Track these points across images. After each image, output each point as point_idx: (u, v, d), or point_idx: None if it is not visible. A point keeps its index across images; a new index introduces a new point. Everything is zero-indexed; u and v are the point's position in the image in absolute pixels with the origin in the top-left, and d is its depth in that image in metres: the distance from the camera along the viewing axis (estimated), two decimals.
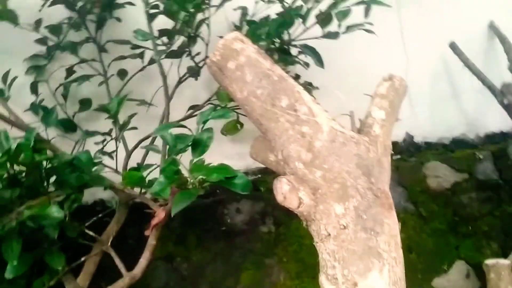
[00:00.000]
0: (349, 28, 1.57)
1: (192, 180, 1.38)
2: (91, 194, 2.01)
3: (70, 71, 1.87)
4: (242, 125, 2.00)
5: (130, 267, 1.54)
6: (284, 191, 1.03)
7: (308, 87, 1.90)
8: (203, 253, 1.98)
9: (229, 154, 2.10)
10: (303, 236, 2.09)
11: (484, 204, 2.26)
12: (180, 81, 1.87)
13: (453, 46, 2.38)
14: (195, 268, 1.96)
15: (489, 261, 1.98)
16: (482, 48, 2.47)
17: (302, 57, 1.80)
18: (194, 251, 1.98)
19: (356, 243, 0.97)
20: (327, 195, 1.01)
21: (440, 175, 2.28)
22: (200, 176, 1.36)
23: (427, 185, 2.26)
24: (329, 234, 0.99)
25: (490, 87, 2.24)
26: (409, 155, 2.37)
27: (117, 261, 1.55)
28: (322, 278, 1.01)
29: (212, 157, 1.42)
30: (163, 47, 1.73)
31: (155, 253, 1.85)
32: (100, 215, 1.77)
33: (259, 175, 2.22)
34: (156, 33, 1.67)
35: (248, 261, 2.02)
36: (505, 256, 2.09)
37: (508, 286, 1.90)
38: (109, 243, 1.62)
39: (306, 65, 1.83)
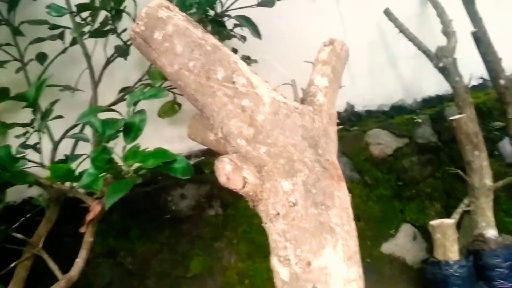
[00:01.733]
0: None
1: (127, 169, 1.27)
2: (19, 193, 1.82)
3: None
4: (180, 105, 1.89)
5: (69, 268, 1.41)
6: (227, 172, 0.94)
7: (247, 61, 1.82)
8: (148, 245, 1.87)
9: (169, 137, 2.00)
10: (252, 215, 2.03)
11: (426, 167, 2.32)
12: (108, 62, 1.71)
13: (388, 13, 2.38)
14: (140, 261, 1.85)
15: (434, 222, 2.03)
16: (416, 13, 2.50)
17: (238, 30, 1.71)
18: (138, 243, 1.86)
19: (307, 220, 0.91)
20: (273, 172, 0.94)
21: (382, 142, 2.31)
22: (136, 163, 1.25)
23: (370, 153, 2.28)
24: (278, 213, 0.93)
25: (425, 52, 2.27)
26: (351, 125, 2.37)
27: (51, 264, 1.41)
28: (274, 261, 0.95)
29: (150, 142, 1.32)
30: (85, 26, 1.57)
31: (95, 249, 1.73)
32: (29, 215, 1.60)
33: (203, 157, 2.13)
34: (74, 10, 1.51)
35: (197, 247, 1.93)
36: (448, 215, 2.16)
37: (453, 244, 1.96)
38: (41, 245, 1.47)
39: (243, 38, 1.74)
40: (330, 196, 0.95)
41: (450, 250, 1.96)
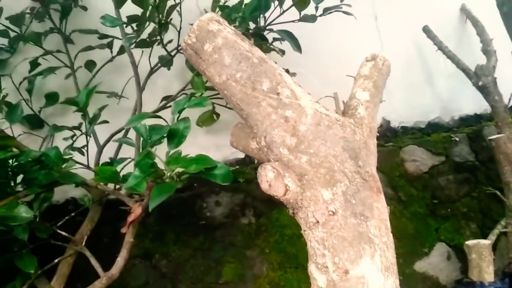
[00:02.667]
0: (326, 10, 1.53)
1: (169, 173, 1.32)
2: (63, 193, 1.90)
3: (34, 63, 1.76)
4: (218, 115, 1.94)
5: (107, 267, 1.47)
6: (269, 179, 0.98)
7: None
8: (182, 249, 1.92)
9: (205, 145, 2.05)
10: (284, 226, 2.05)
11: (462, 185, 2.28)
12: (152, 71, 1.79)
13: (427, 30, 2.38)
14: (174, 264, 1.90)
15: (470, 242, 2.00)
16: (455, 31, 2.50)
17: (277, 44, 1.76)
18: (173, 247, 1.91)
19: (346, 229, 0.93)
20: (314, 181, 0.96)
21: (417, 158, 2.29)
22: (178, 168, 1.30)
23: (405, 169, 2.26)
24: (318, 221, 0.95)
25: (464, 70, 2.25)
26: (386, 140, 2.37)
27: (93, 261, 1.47)
28: (312, 268, 0.97)
29: (188, 149, 1.36)
30: (133, 36, 1.65)
31: (132, 251, 1.78)
32: (72, 214, 1.68)
33: (237, 166, 2.17)
34: (125, 20, 1.59)
35: (229, 254, 1.96)
36: (484, 236, 2.12)
37: (489, 265, 1.92)
38: (83, 243, 1.54)
39: (282, 52, 1.79)
40: (369, 207, 0.96)
41: (485, 271, 1.92)
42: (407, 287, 2.03)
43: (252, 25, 1.65)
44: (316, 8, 1.53)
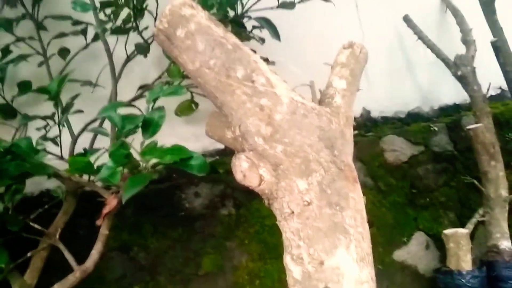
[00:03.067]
0: None
1: (144, 164, 1.29)
2: (36, 184, 1.85)
3: (5, 51, 1.68)
4: (197, 104, 1.91)
5: (82, 260, 1.44)
6: (244, 169, 0.96)
7: (265, 62, 1.83)
8: (160, 241, 1.89)
9: (184, 135, 2.01)
10: (265, 217, 2.04)
11: (440, 175, 2.30)
12: (128, 59, 1.74)
13: (407, 19, 2.37)
14: (153, 256, 1.87)
15: (448, 231, 2.01)
16: (435, 20, 2.49)
17: (256, 32, 1.73)
18: (151, 239, 1.88)
19: (321, 219, 0.92)
20: (289, 171, 0.95)
21: (397, 148, 2.30)
22: (153, 159, 1.27)
23: (384, 159, 2.27)
24: (293, 212, 0.94)
25: (444, 60, 2.26)
26: (366, 130, 2.37)
27: (67, 254, 1.43)
28: (287, 259, 0.96)
29: (166, 139, 1.33)
30: (108, 23, 1.60)
31: (108, 243, 1.75)
32: (46, 207, 1.64)
33: (217, 157, 2.15)
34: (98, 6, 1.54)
35: (209, 245, 1.95)
36: (462, 225, 2.15)
37: (467, 254, 1.95)
38: (58, 236, 1.49)
39: (262, 40, 1.76)
40: (344, 197, 0.95)
41: (463, 260, 1.94)
42: (386, 276, 2.05)
43: (231, 13, 1.62)
44: None
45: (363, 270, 0.93)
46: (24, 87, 1.71)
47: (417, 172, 2.28)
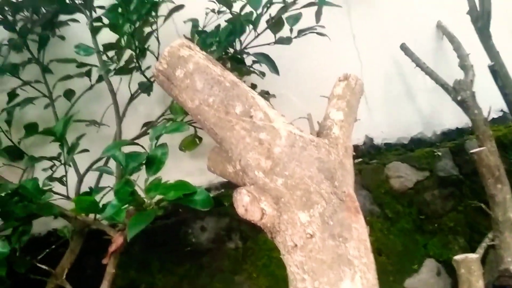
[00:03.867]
0: (300, 32, 1.55)
1: (149, 201, 1.30)
2: (43, 225, 1.87)
3: (12, 94, 1.74)
4: (200, 139, 1.93)
5: None
6: (245, 203, 0.97)
7: (265, 95, 1.87)
8: (168, 277, 1.88)
9: (190, 170, 2.02)
10: (272, 249, 2.03)
11: (447, 200, 2.28)
12: (132, 98, 1.78)
13: (404, 47, 2.41)
14: None
15: (458, 257, 1.98)
16: (432, 48, 2.53)
17: (257, 66, 1.77)
18: (159, 276, 1.87)
19: (324, 252, 0.92)
20: (291, 204, 0.95)
21: (402, 174, 2.29)
22: (157, 196, 1.29)
23: (390, 186, 2.26)
24: (296, 245, 0.94)
25: (443, 85, 2.28)
26: (370, 158, 2.37)
27: None
28: None
29: (171, 174, 1.35)
30: (111, 64, 1.65)
31: (116, 282, 1.74)
32: (53, 247, 1.64)
33: (222, 190, 2.16)
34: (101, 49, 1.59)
35: (217, 280, 1.93)
36: (472, 250, 2.11)
37: (478, 280, 1.90)
38: (64, 276, 1.50)
39: (262, 74, 1.79)
40: (347, 228, 0.95)
41: (475, 286, 1.89)
42: None
43: (231, 50, 1.67)
44: (291, 30, 1.54)
45: None
46: (31, 129, 1.75)
47: (423, 198, 2.27)
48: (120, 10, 1.45)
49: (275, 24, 1.53)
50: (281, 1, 1.53)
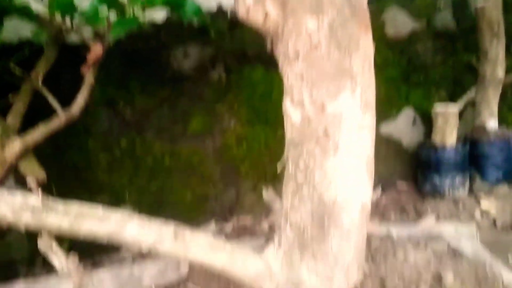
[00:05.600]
0: None
1: (131, 9, 1.18)
2: (15, 32, 1.72)
3: None
4: None
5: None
6: (248, 3, 0.86)
7: None
8: (147, 99, 1.84)
9: None
10: (255, 83, 1.98)
11: (438, 53, 2.23)
12: None
13: None
14: (140, 114, 1.84)
15: (438, 108, 2.01)
16: None
17: None
18: (138, 97, 1.83)
19: (328, 62, 0.86)
20: (298, 8, 0.85)
21: (398, 22, 2.19)
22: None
23: (384, 32, 2.17)
24: (298, 54, 0.87)
25: None
26: (369, 1, 2.22)
27: (51, 99, 1.38)
28: (287, 103, 0.92)
29: None
30: None
31: (94, 98, 1.69)
32: (27, 54, 1.52)
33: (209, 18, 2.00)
34: None
35: (197, 107, 1.91)
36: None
37: (453, 130, 1.97)
38: (40, 82, 1.41)
39: None
40: (355, 43, 0.88)
41: (448, 136, 1.97)
42: None
43: None
44: None
45: (366, 116, 0.90)
46: None
47: (415, 48, 2.21)
48: None
49: None
50: None
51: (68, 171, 1.76)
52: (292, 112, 0.90)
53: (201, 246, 0.98)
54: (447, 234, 1.35)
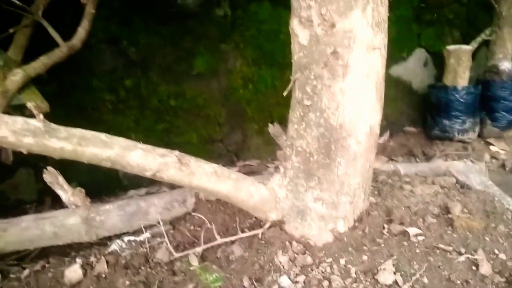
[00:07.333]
0: None
1: None
2: None
3: None
4: None
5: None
6: None
7: None
8: (151, 37, 1.78)
9: None
10: (263, 21, 1.91)
11: None
12: None
13: None
14: (144, 52, 1.78)
15: (451, 47, 1.94)
16: None
17: None
18: (142, 34, 1.77)
19: None
20: None
21: None
22: None
23: None
24: None
25: None
26: None
27: (51, 31, 1.34)
28: (294, 23, 0.87)
29: None
30: None
31: (97, 35, 1.64)
32: None
33: None
34: None
35: (202, 45, 1.85)
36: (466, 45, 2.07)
37: (465, 71, 1.91)
38: (40, 14, 1.37)
39: None
40: None
41: (460, 77, 1.91)
42: None
43: None
44: None
45: (377, 36, 0.86)
46: None
47: None
48: None
49: None
50: None
51: (73, 112, 1.73)
52: (300, 32, 0.86)
53: (206, 173, 0.97)
54: (455, 169, 1.33)
